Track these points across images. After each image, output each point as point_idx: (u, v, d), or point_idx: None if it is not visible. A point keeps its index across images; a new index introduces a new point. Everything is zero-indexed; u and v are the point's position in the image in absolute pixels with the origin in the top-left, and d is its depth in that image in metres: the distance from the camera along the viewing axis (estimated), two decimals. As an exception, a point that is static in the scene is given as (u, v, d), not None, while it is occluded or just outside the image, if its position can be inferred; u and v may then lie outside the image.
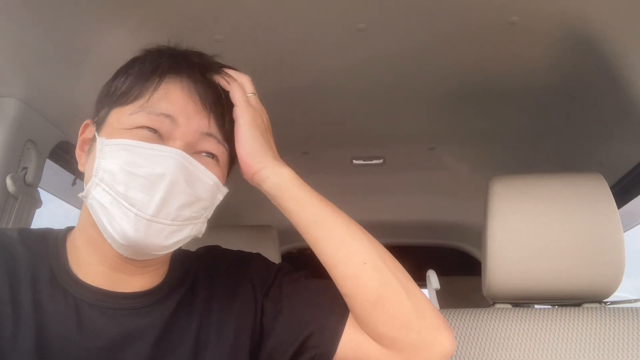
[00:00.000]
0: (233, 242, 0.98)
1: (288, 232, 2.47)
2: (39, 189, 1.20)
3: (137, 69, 0.74)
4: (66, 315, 0.70)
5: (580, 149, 1.56)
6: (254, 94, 0.79)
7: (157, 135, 0.70)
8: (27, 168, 1.14)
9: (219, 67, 0.79)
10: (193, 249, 0.87)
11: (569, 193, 1.06)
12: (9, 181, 1.08)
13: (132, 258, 0.72)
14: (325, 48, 1.14)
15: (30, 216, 1.17)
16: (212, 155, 0.74)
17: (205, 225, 0.76)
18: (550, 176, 1.10)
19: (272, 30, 1.08)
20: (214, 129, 0.73)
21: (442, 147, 1.72)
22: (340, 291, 0.75)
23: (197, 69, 0.75)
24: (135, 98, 0.71)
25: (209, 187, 0.72)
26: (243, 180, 0.79)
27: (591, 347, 1.01)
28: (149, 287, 0.76)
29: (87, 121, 0.78)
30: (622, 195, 1.56)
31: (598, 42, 1.07)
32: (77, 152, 0.78)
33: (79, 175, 0.77)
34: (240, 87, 0.78)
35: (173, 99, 0.71)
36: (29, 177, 1.14)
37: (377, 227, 2.83)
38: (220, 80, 0.78)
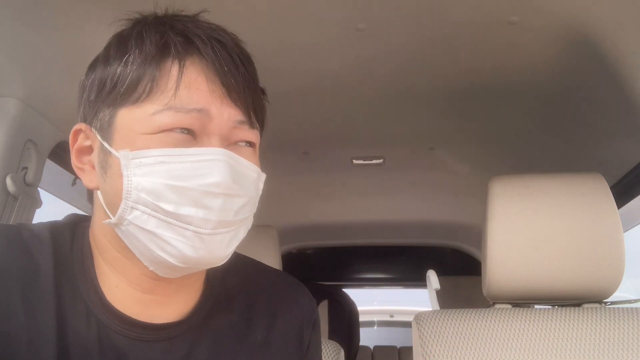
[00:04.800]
0: (233, 242, 0.97)
1: (288, 232, 2.50)
2: (39, 189, 1.20)
3: (137, 53, 0.60)
4: (89, 341, 0.61)
5: (580, 149, 1.56)
6: None
7: (191, 136, 0.59)
8: (27, 168, 1.14)
9: (230, 37, 0.64)
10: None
11: (569, 193, 1.06)
12: (9, 181, 1.08)
13: (170, 277, 0.63)
14: (325, 48, 1.14)
15: (30, 216, 1.17)
16: (248, 143, 0.64)
17: (252, 218, 0.67)
18: (550, 176, 1.10)
19: (272, 30, 1.07)
20: (245, 114, 0.63)
21: (442, 147, 1.72)
22: None
23: (212, 44, 0.61)
24: (150, 93, 0.58)
25: (254, 180, 0.63)
26: None
27: (591, 347, 1.01)
28: (185, 310, 0.67)
29: (81, 126, 0.64)
30: (622, 195, 1.56)
31: (598, 42, 1.07)
32: (75, 164, 0.65)
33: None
34: None
35: (199, 88, 0.59)
36: (29, 177, 1.14)
37: (377, 227, 2.84)
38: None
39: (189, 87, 0.59)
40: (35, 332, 0.58)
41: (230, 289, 0.72)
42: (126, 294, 0.63)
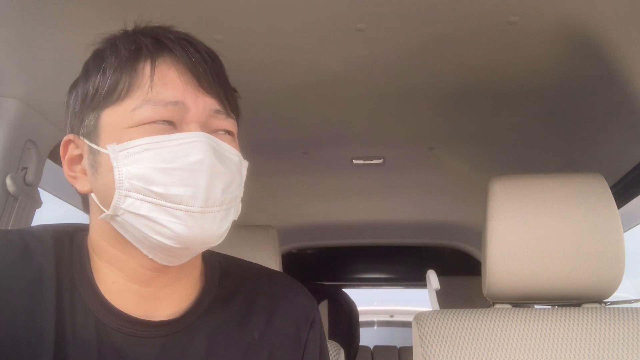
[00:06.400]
0: (233, 242, 0.97)
1: (288, 232, 2.49)
2: (39, 189, 1.20)
3: (113, 60, 0.64)
4: (88, 339, 0.63)
5: (580, 149, 1.56)
6: None
7: (172, 126, 0.63)
8: (27, 168, 1.14)
9: (195, 38, 0.69)
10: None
11: (569, 193, 1.06)
12: (9, 181, 1.08)
13: (168, 265, 0.65)
14: (325, 48, 1.14)
15: (30, 216, 1.17)
16: (227, 132, 0.68)
17: (241, 205, 0.70)
18: (550, 176, 1.10)
19: (272, 31, 1.07)
20: (220, 103, 0.67)
21: (442, 147, 1.72)
22: None
23: (181, 43, 0.66)
24: (129, 91, 0.63)
25: (236, 163, 0.67)
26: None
27: (591, 347, 1.01)
28: (182, 307, 0.69)
29: (70, 136, 0.68)
30: (622, 195, 1.56)
31: (598, 42, 1.07)
32: (68, 174, 0.68)
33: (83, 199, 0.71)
34: None
35: (173, 82, 0.64)
36: (29, 177, 1.14)
37: (377, 227, 2.84)
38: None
39: (164, 82, 0.63)
40: (35, 332, 0.61)
41: (229, 289, 0.74)
42: (123, 290, 0.66)
